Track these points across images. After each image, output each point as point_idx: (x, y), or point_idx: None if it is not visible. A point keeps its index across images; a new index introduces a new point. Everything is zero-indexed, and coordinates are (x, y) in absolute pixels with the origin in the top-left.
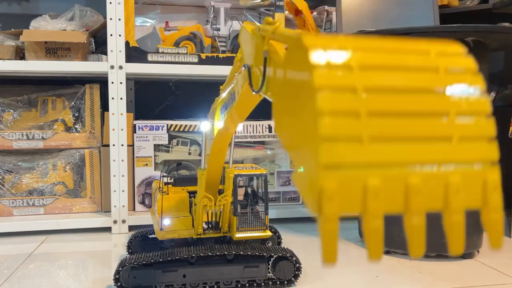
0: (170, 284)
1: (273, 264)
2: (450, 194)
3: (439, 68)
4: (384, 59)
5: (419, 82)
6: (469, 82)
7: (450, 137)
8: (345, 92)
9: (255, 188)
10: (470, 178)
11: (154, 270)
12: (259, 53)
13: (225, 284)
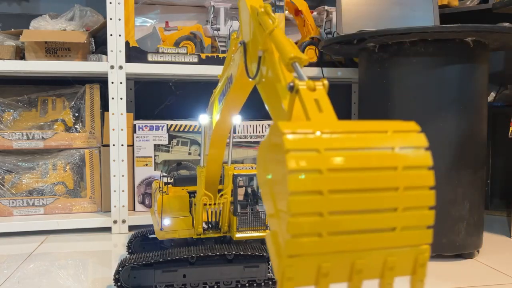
0: (170, 284)
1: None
2: (386, 270)
3: (395, 155)
4: (348, 148)
5: (376, 167)
6: (417, 166)
7: (394, 227)
8: (313, 194)
9: (255, 188)
10: (404, 258)
11: (154, 270)
12: (255, 37)
13: (225, 284)
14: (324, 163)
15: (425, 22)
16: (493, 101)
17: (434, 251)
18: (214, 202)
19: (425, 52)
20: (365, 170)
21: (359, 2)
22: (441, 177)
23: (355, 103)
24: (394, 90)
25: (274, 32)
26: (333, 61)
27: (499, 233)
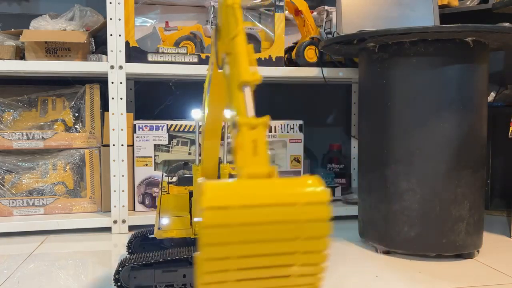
0: (170, 284)
1: None
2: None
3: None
4: (256, 206)
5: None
6: (316, 219)
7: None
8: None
9: None
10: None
11: (154, 270)
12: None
13: None
14: (233, 219)
15: (425, 22)
16: (493, 101)
17: (434, 251)
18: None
19: (425, 52)
20: (269, 224)
21: (359, 2)
22: (441, 177)
23: (355, 103)
24: (394, 90)
25: (235, 40)
26: (333, 61)
27: (499, 233)
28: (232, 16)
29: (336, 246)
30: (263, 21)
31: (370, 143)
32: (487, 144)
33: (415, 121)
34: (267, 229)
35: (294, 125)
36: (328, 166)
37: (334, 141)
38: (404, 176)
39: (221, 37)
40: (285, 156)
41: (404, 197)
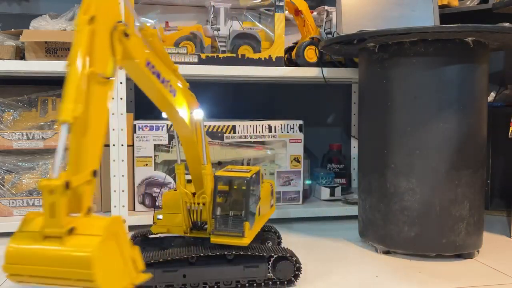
0: (170, 284)
1: (273, 264)
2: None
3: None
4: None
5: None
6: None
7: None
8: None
9: (239, 191)
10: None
11: (154, 270)
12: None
13: (225, 284)
14: (23, 276)
15: (425, 22)
16: (493, 101)
17: (434, 251)
18: (193, 202)
19: (425, 52)
20: (48, 278)
21: (359, 2)
22: (441, 177)
23: (355, 103)
24: (394, 90)
25: (68, 69)
26: (333, 61)
27: (499, 233)
28: (75, 40)
29: (336, 246)
30: (263, 21)
31: (370, 143)
32: (487, 144)
33: (415, 121)
34: (47, 278)
35: (294, 125)
36: (328, 166)
37: (334, 141)
38: (404, 176)
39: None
40: (285, 156)
41: (404, 197)
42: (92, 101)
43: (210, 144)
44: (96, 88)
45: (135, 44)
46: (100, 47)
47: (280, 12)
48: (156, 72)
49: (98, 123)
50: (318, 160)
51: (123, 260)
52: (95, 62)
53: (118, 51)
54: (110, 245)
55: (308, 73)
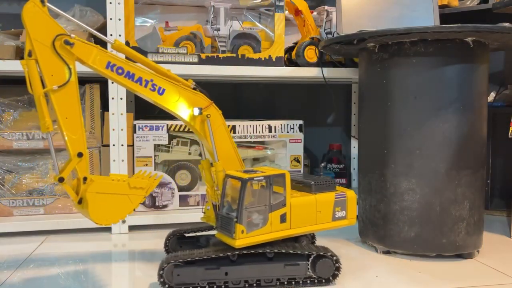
0: (213, 282)
1: (312, 262)
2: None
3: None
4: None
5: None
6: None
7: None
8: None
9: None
10: None
11: (196, 267)
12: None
13: (266, 282)
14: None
15: (425, 22)
16: (493, 101)
17: (434, 251)
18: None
19: (425, 52)
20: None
21: (359, 2)
22: (441, 177)
23: (355, 103)
24: (394, 90)
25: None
26: (333, 61)
27: (499, 233)
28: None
29: (336, 246)
30: (263, 21)
31: (370, 143)
32: (487, 144)
33: (415, 121)
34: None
35: (294, 125)
36: (328, 166)
37: (334, 141)
38: (404, 176)
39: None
40: (285, 156)
41: (404, 197)
42: (60, 103)
43: None
44: (59, 94)
45: (80, 48)
46: (46, 65)
47: (280, 12)
48: (126, 73)
49: (72, 115)
50: (318, 160)
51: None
52: (47, 78)
53: (68, 57)
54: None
55: (308, 73)
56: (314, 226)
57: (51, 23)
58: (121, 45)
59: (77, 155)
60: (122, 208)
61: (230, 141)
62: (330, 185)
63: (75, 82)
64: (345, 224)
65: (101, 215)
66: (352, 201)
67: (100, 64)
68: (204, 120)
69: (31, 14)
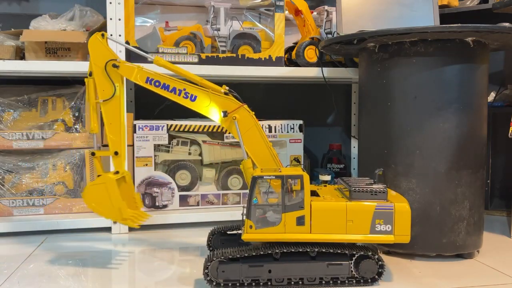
0: (256, 279)
1: (355, 262)
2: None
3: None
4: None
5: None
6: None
7: None
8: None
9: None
10: None
11: (241, 264)
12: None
13: (308, 280)
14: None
15: (425, 22)
16: (493, 101)
17: (434, 251)
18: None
19: (425, 52)
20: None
21: (359, 2)
22: (441, 177)
23: (355, 103)
24: (394, 90)
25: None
26: (333, 61)
27: (499, 233)
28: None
29: None
30: (263, 21)
31: (370, 143)
32: (487, 144)
33: (415, 121)
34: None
35: (294, 125)
36: (328, 166)
37: (334, 141)
38: (404, 176)
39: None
40: (285, 156)
41: (404, 197)
42: (107, 113)
43: (210, 144)
44: (106, 106)
45: (124, 69)
46: (100, 83)
47: (280, 12)
48: (162, 85)
49: (114, 123)
50: (318, 160)
51: (110, 202)
52: (99, 93)
53: (115, 77)
54: (99, 189)
55: (308, 73)
56: (343, 236)
57: (106, 51)
58: (160, 60)
59: (114, 152)
60: (104, 211)
61: (263, 141)
62: (377, 194)
63: (119, 97)
64: (389, 241)
65: (87, 198)
66: (403, 215)
67: (141, 80)
68: (232, 122)
69: (93, 44)
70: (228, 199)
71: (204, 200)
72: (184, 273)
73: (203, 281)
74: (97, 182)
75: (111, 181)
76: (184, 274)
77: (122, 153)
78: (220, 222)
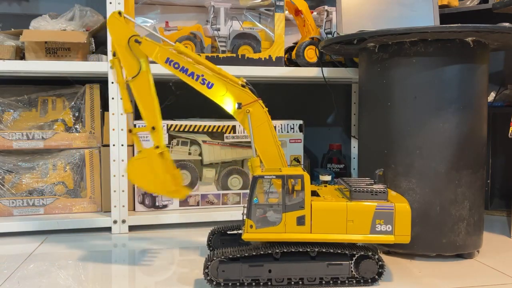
0: (256, 279)
1: (355, 262)
2: None
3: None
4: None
5: None
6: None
7: None
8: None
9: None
10: None
11: (241, 264)
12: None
13: (309, 280)
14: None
15: (425, 22)
16: (493, 101)
17: (434, 251)
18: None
19: (425, 52)
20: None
21: (359, 2)
22: (441, 177)
23: (355, 103)
24: (394, 90)
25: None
26: (333, 61)
27: (499, 233)
28: (114, 70)
29: None
30: (263, 21)
31: (370, 143)
32: (487, 144)
33: (415, 121)
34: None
35: (294, 125)
36: (328, 166)
37: (334, 141)
38: (404, 176)
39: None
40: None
41: (404, 197)
42: (137, 89)
43: (210, 144)
44: (135, 83)
45: (146, 46)
46: (125, 61)
47: (280, 12)
48: (181, 67)
49: (146, 98)
50: (318, 160)
51: (154, 175)
52: (126, 71)
53: (139, 53)
54: (142, 163)
55: (308, 73)
56: (344, 236)
57: (126, 28)
58: (180, 46)
59: (152, 128)
60: (149, 184)
61: (273, 139)
62: (377, 194)
63: (146, 72)
64: (389, 241)
65: (131, 172)
66: (403, 215)
67: (161, 59)
68: (245, 115)
69: (112, 23)
70: (228, 199)
71: (204, 200)
72: (184, 273)
73: (203, 281)
74: (140, 156)
75: (154, 154)
76: (184, 274)
77: (159, 127)
78: (220, 222)
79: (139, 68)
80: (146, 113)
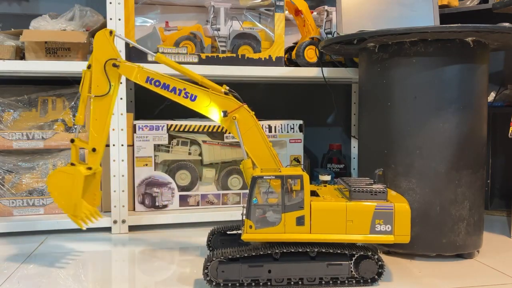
0: (256, 279)
1: (355, 262)
2: None
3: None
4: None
5: None
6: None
7: None
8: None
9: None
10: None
11: (240, 264)
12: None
13: (308, 280)
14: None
15: (425, 22)
16: (493, 101)
17: (434, 251)
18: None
19: (425, 52)
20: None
21: (359, 2)
22: (441, 177)
23: (355, 103)
24: (394, 90)
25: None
26: (333, 61)
27: (499, 233)
28: (82, 79)
29: None
30: (263, 21)
31: (370, 143)
32: (487, 144)
33: (415, 121)
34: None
35: (294, 125)
36: (328, 166)
37: (334, 141)
38: (404, 176)
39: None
40: (285, 156)
41: (404, 197)
42: (96, 108)
43: (210, 144)
44: (97, 102)
45: (124, 68)
46: (96, 78)
47: (280, 12)
48: (162, 84)
49: (101, 120)
50: (318, 160)
51: (69, 195)
52: (93, 88)
53: (113, 76)
54: (66, 178)
55: (308, 73)
56: (343, 236)
57: (110, 49)
58: (161, 56)
59: (92, 149)
60: (60, 200)
61: (264, 141)
62: (376, 194)
63: (111, 97)
64: (389, 241)
65: (51, 182)
66: (402, 215)
67: (141, 79)
68: (232, 122)
69: (99, 39)
70: (228, 199)
71: (204, 200)
72: (184, 273)
73: (203, 281)
74: (67, 171)
75: (80, 175)
76: (184, 274)
77: (100, 151)
78: (220, 222)
79: (107, 91)
80: (94, 133)
